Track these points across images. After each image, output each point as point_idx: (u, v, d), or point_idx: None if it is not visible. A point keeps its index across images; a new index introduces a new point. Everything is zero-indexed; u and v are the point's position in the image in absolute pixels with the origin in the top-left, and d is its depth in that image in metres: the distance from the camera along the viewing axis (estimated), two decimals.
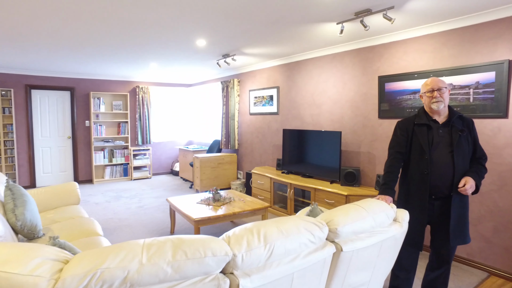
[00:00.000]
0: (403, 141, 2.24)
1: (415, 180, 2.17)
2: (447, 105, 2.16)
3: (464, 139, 2.10)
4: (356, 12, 2.96)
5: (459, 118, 2.15)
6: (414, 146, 2.20)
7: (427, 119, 2.18)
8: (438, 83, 2.11)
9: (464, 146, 2.09)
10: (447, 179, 2.09)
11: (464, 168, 2.10)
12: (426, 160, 2.11)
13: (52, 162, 6.87)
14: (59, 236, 1.32)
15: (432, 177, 2.11)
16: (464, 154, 2.09)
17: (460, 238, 2.12)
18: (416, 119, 2.22)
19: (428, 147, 2.12)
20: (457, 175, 2.07)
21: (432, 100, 2.12)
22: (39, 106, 6.67)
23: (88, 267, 1.03)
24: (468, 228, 2.16)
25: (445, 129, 2.13)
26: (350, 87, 4.23)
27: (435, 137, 2.13)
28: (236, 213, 3.47)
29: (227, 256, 1.21)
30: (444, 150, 2.10)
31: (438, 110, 2.12)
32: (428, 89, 2.14)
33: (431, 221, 2.20)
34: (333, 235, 1.57)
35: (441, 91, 2.09)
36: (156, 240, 1.21)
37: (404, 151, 2.24)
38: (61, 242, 1.29)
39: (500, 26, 2.86)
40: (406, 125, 2.25)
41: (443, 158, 2.09)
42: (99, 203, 5.50)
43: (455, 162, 2.06)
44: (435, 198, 2.15)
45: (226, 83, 6.55)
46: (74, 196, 3.57)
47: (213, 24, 3.34)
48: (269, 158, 5.75)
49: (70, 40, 3.98)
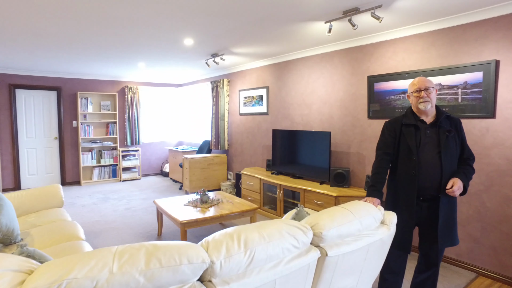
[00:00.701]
0: (391, 142, 2.21)
1: (403, 181, 2.14)
2: (435, 105, 2.13)
3: (452, 139, 2.08)
4: (344, 11, 2.93)
5: (446, 118, 2.12)
6: (401, 147, 2.17)
7: (415, 120, 2.15)
8: (425, 83, 2.09)
9: (451, 147, 2.07)
10: (435, 180, 2.06)
11: (452, 169, 2.08)
12: (413, 161, 2.08)
13: (37, 164, 6.72)
14: (27, 243, 1.25)
15: (420, 178, 2.08)
16: (451, 154, 2.07)
17: (448, 240, 2.10)
18: (403, 120, 2.19)
19: (415, 148, 2.09)
20: (444, 176, 2.04)
21: (419, 100, 2.09)
22: (23, 106, 6.51)
23: (53, 277, 0.97)
24: (456, 229, 2.13)
25: (432, 129, 2.11)
26: (339, 87, 4.20)
27: (422, 137, 2.10)
28: (224, 215, 3.41)
29: (204, 264, 1.16)
30: (432, 151, 2.07)
31: (425, 111, 2.09)
32: (415, 89, 2.11)
33: (419, 222, 2.17)
34: (318, 239, 1.53)
35: (428, 91, 2.07)
36: (130, 247, 1.15)
37: (392, 152, 2.21)
38: (30, 250, 1.22)
39: (486, 27, 2.85)
40: (393, 125, 2.22)
41: (430, 159, 2.06)
42: (86, 205, 5.39)
43: (442, 163, 2.04)
44: (423, 199, 2.12)
45: (215, 83, 6.48)
46: (57, 198, 3.47)
47: (200, 22, 3.27)
48: (259, 158, 5.70)
49: (54, 38, 3.87)
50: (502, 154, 2.81)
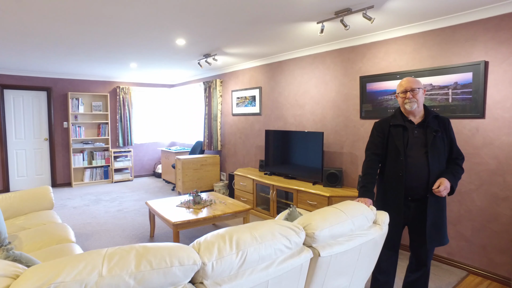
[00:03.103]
0: (379, 143, 2.23)
1: (391, 181, 2.16)
2: (423, 106, 2.15)
3: (440, 139, 2.08)
4: (336, 11, 2.94)
5: (434, 118, 2.13)
6: (390, 147, 2.18)
7: (403, 120, 2.16)
8: (412, 83, 2.10)
9: (439, 147, 2.08)
10: (422, 180, 2.07)
11: (440, 169, 2.09)
12: (401, 161, 2.10)
13: (27, 165, 6.61)
14: (13, 247, 1.22)
15: (408, 178, 2.09)
16: (439, 154, 2.08)
17: (437, 240, 2.10)
18: (391, 120, 2.21)
19: (403, 148, 2.11)
20: (432, 176, 2.05)
21: (405, 101, 2.11)
22: (12, 106, 6.40)
23: (39, 282, 0.94)
24: (445, 229, 2.14)
25: (420, 129, 2.12)
26: (331, 88, 4.22)
27: (410, 138, 2.12)
28: (217, 216, 3.39)
29: (195, 265, 1.14)
30: (419, 150, 2.08)
31: (412, 111, 2.11)
32: (402, 90, 2.13)
33: (408, 222, 2.18)
34: (311, 239, 1.52)
35: (414, 92, 2.08)
36: (120, 249, 1.13)
37: (380, 152, 2.23)
38: (17, 253, 1.19)
39: (476, 28, 2.89)
40: (382, 126, 2.24)
41: (418, 159, 2.08)
42: (77, 207, 5.31)
43: (429, 162, 2.05)
44: (411, 199, 2.13)
45: (208, 83, 6.45)
46: (47, 200, 3.42)
47: (192, 22, 3.26)
48: (252, 159, 5.69)
49: (43, 38, 3.81)
50: (492, 153, 2.84)
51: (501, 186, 2.80)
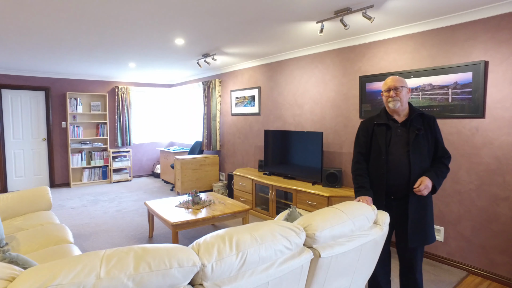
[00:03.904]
0: (363, 142, 2.24)
1: (374, 180, 2.17)
2: (407, 104, 2.14)
3: (423, 138, 2.06)
4: (336, 11, 2.93)
5: (419, 116, 2.11)
6: (373, 146, 2.19)
7: (387, 119, 2.16)
8: (395, 82, 2.10)
9: (422, 145, 2.06)
10: (403, 179, 2.06)
11: (422, 168, 2.06)
12: (382, 159, 2.10)
13: (25, 166, 6.58)
14: (10, 248, 1.20)
15: (390, 177, 2.09)
16: (422, 153, 2.06)
17: (419, 239, 2.06)
18: (376, 119, 2.21)
19: (385, 146, 2.11)
20: (413, 175, 2.04)
21: (388, 99, 2.11)
22: (10, 106, 6.36)
23: (36, 284, 0.93)
24: (430, 228, 2.09)
25: (403, 128, 2.11)
26: (331, 88, 4.21)
27: (393, 136, 2.11)
28: (216, 216, 3.38)
29: (195, 267, 1.13)
30: (401, 149, 2.08)
31: (395, 109, 2.10)
32: (386, 88, 2.13)
33: (393, 222, 2.17)
34: (311, 240, 1.51)
35: (397, 90, 2.07)
36: (118, 251, 1.11)
37: (365, 151, 2.23)
38: (13, 255, 1.17)
39: (476, 28, 2.88)
40: (367, 125, 2.24)
41: (399, 157, 2.07)
42: (75, 207, 5.29)
43: (411, 161, 2.03)
44: (394, 198, 2.12)
45: (207, 83, 6.43)
46: (45, 201, 3.39)
47: (191, 22, 3.24)
48: (251, 159, 5.68)
49: (41, 37, 3.79)
50: (492, 153, 2.84)
51: (501, 186, 2.79)
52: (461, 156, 3.03)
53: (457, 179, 3.06)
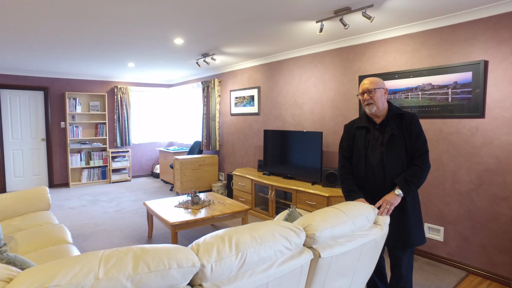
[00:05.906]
0: (346, 145, 2.23)
1: (358, 183, 2.17)
2: (386, 105, 2.08)
3: (399, 138, 2.02)
4: (336, 10, 2.92)
5: (397, 116, 2.06)
6: (355, 149, 2.18)
7: (367, 122, 2.15)
8: (369, 84, 2.05)
9: (397, 146, 2.01)
10: (381, 182, 2.05)
11: (397, 168, 2.02)
12: (362, 163, 2.10)
13: (24, 166, 6.56)
14: (7, 249, 1.19)
15: (369, 180, 2.09)
16: (396, 154, 2.02)
17: (400, 242, 2.02)
18: (356, 122, 2.20)
19: (364, 150, 2.10)
20: (388, 176, 2.02)
21: (364, 103, 2.09)
22: (9, 106, 6.35)
23: (33, 285, 0.92)
24: (412, 230, 2.02)
25: (380, 129, 2.10)
26: (331, 87, 4.20)
27: (371, 139, 2.10)
28: (215, 217, 3.37)
29: (194, 267, 1.12)
30: (377, 151, 2.07)
31: (373, 113, 2.07)
32: (360, 91, 2.11)
33: None
34: (311, 240, 1.50)
35: (370, 93, 2.03)
36: (117, 251, 1.10)
37: (348, 155, 2.23)
38: (11, 256, 1.16)
39: (475, 27, 2.88)
40: (349, 128, 2.24)
41: (376, 160, 2.06)
42: (74, 207, 5.28)
43: (385, 163, 2.02)
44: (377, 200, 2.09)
45: (206, 83, 6.42)
46: (44, 201, 3.38)
47: (190, 21, 3.23)
48: (250, 159, 5.67)
49: (39, 36, 3.78)
50: (492, 153, 2.83)
51: (501, 186, 2.79)
52: (461, 156, 3.03)
53: (457, 179, 3.06)
